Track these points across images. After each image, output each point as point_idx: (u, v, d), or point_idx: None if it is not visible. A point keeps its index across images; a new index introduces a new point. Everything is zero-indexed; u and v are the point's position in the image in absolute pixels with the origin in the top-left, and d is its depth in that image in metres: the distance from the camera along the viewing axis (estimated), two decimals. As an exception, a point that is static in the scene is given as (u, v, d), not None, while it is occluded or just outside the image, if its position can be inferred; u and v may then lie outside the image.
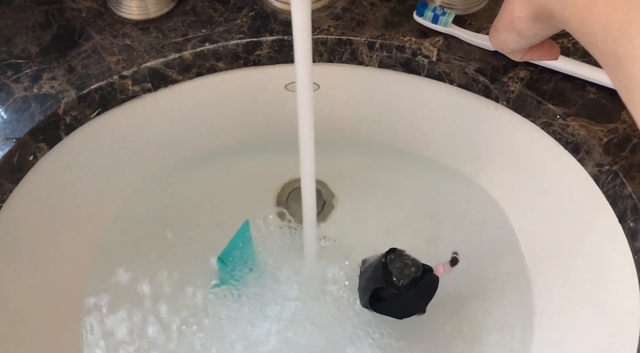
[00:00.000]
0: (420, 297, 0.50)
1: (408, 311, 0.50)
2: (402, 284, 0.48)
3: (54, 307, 0.52)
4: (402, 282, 0.48)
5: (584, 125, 0.47)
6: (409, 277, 0.48)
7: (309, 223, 0.52)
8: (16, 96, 0.49)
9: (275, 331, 0.54)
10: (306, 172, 0.47)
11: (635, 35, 0.25)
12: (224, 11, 0.55)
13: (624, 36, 0.26)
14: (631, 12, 0.25)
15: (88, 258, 0.57)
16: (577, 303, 0.49)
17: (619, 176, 0.44)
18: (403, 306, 0.50)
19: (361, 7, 0.55)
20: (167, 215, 0.61)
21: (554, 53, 0.41)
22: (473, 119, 0.55)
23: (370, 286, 0.50)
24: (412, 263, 0.49)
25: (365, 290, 0.51)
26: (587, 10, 0.28)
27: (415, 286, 0.48)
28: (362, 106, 0.60)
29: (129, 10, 0.54)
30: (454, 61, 0.51)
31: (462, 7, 0.54)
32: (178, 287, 0.56)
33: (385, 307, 0.50)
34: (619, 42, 0.26)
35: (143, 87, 0.52)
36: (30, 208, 0.50)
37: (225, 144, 0.64)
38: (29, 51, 0.52)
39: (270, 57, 0.54)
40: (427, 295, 0.50)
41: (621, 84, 0.27)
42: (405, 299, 0.49)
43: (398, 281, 0.48)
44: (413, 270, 0.48)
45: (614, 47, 0.26)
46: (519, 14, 0.34)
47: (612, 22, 0.26)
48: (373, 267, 0.51)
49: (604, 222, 0.45)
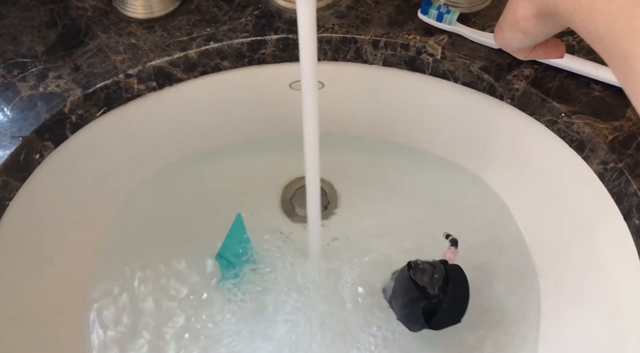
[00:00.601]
0: (459, 290, 0.48)
1: (460, 307, 0.49)
2: (439, 290, 0.47)
3: (57, 303, 0.53)
4: (438, 288, 0.47)
5: (588, 123, 0.47)
6: (440, 280, 0.47)
7: (313, 221, 0.52)
8: (22, 94, 0.49)
9: (277, 331, 0.54)
10: (311, 170, 0.47)
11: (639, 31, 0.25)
12: (229, 10, 0.55)
13: (629, 33, 0.26)
14: (635, 9, 0.26)
15: (91, 255, 0.57)
16: (583, 301, 0.49)
17: (624, 173, 0.44)
18: (453, 307, 0.48)
19: (365, 6, 0.55)
20: (171, 212, 0.61)
21: (559, 51, 0.41)
22: (478, 117, 0.55)
23: (415, 309, 0.48)
24: (432, 267, 0.48)
25: (412, 315, 0.49)
26: (590, 7, 0.28)
27: (449, 284, 0.48)
28: (366, 104, 0.60)
29: (134, 9, 0.54)
30: (459, 59, 0.51)
31: (467, 5, 0.54)
32: (181, 285, 0.56)
33: (441, 319, 0.49)
34: (623, 39, 0.26)
35: (148, 86, 0.52)
36: (36, 205, 0.50)
37: (230, 142, 0.64)
38: (34, 49, 0.52)
39: (275, 56, 0.54)
40: (462, 284, 0.48)
41: (626, 80, 0.27)
42: (451, 299, 0.48)
43: (434, 289, 0.47)
44: (437, 272, 0.48)
45: (618, 43, 0.26)
46: (523, 13, 0.35)
47: (616, 18, 0.26)
48: (404, 290, 0.49)
49: (609, 220, 0.45)
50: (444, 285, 0.48)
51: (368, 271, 0.58)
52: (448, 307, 0.48)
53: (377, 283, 0.57)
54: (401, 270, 0.50)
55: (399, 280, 0.50)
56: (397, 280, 0.51)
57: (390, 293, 0.52)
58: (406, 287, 0.49)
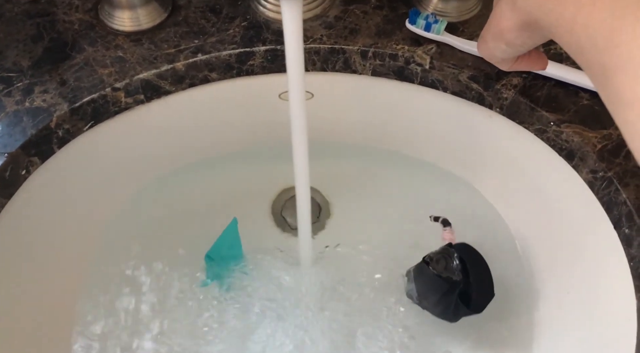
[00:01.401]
0: (478, 264, 0.49)
1: (487, 280, 0.49)
2: (461, 273, 0.48)
3: (45, 318, 0.52)
4: (459, 272, 0.48)
5: (577, 131, 0.47)
6: (457, 264, 0.48)
7: (304, 230, 0.52)
8: (8, 110, 0.48)
9: (266, 339, 0.54)
10: (301, 180, 0.47)
11: (619, 46, 0.25)
12: (217, 21, 0.55)
13: (608, 46, 0.26)
14: (615, 23, 0.26)
15: (80, 271, 0.56)
16: (575, 309, 0.49)
17: (613, 182, 0.44)
18: (481, 282, 0.48)
19: (353, 16, 0.55)
20: (160, 225, 0.61)
21: (542, 63, 0.41)
22: (467, 126, 0.55)
23: (450, 300, 0.48)
24: (443, 254, 0.48)
25: (449, 307, 0.49)
26: (572, 20, 0.28)
27: (467, 263, 0.48)
28: (356, 114, 0.60)
29: (121, 21, 0.54)
30: (447, 69, 0.51)
31: (455, 14, 0.54)
32: (171, 296, 0.56)
33: (478, 299, 0.48)
34: (603, 52, 0.26)
35: (136, 99, 0.52)
36: (22, 222, 0.49)
37: (219, 154, 0.63)
38: (20, 64, 0.51)
39: (264, 67, 0.54)
40: (477, 258, 0.49)
41: (605, 93, 0.27)
42: (476, 276, 0.48)
43: (457, 274, 0.48)
44: (450, 256, 0.48)
45: (598, 56, 0.26)
46: (506, 24, 0.35)
47: (597, 32, 0.26)
48: (432, 287, 0.49)
49: (600, 228, 0.45)
50: (463, 266, 0.48)
51: (360, 280, 0.57)
52: (477, 285, 0.48)
53: (369, 291, 0.56)
54: (418, 269, 0.50)
55: (421, 280, 0.50)
56: (419, 282, 0.50)
57: (417, 295, 0.52)
58: (433, 284, 0.49)
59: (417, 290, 0.51)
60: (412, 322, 0.55)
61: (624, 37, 0.25)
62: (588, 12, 0.27)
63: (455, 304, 0.48)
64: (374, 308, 0.56)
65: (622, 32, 0.25)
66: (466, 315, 0.49)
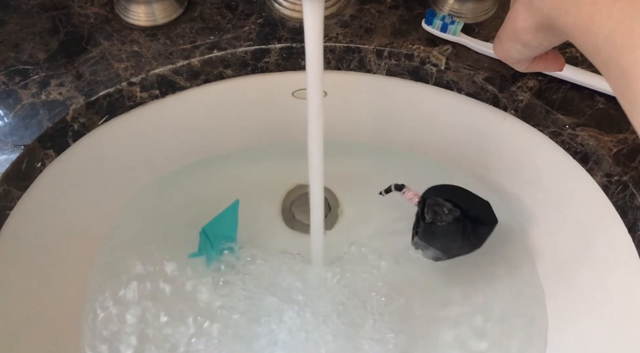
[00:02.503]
0: (459, 191, 0.51)
1: (479, 198, 0.52)
2: (457, 206, 0.50)
3: (55, 310, 0.52)
4: (455, 205, 0.50)
5: (593, 135, 0.47)
6: (447, 204, 0.50)
7: (316, 228, 0.52)
8: (24, 102, 0.48)
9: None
10: (315, 178, 0.47)
11: (638, 47, 0.25)
12: (232, 18, 0.55)
13: (627, 47, 0.26)
14: (634, 24, 0.25)
15: (91, 262, 0.57)
16: (588, 313, 0.49)
17: (628, 186, 0.44)
18: (476, 201, 0.52)
19: (369, 15, 0.55)
20: (172, 219, 0.61)
21: (559, 64, 0.41)
22: (481, 127, 0.55)
23: (468, 232, 0.50)
24: (429, 209, 0.50)
25: (470, 238, 0.51)
26: (589, 21, 0.28)
27: (451, 197, 0.50)
28: (369, 114, 0.60)
29: (137, 16, 0.54)
30: (463, 70, 0.51)
31: (471, 15, 0.54)
32: (179, 292, 0.56)
33: (486, 216, 0.51)
34: (621, 53, 0.26)
35: (151, 94, 0.52)
36: (37, 214, 0.49)
37: (231, 150, 0.64)
38: (36, 56, 0.51)
39: (278, 65, 0.54)
40: (452, 188, 0.51)
41: (623, 94, 0.27)
42: (467, 200, 0.51)
43: (454, 209, 0.50)
44: (436, 205, 0.50)
45: (616, 57, 0.26)
46: (522, 25, 0.34)
47: (614, 33, 0.26)
48: (449, 234, 0.51)
49: (614, 232, 0.45)
50: (453, 203, 0.50)
51: (372, 278, 0.58)
52: (473, 203, 0.51)
53: (382, 288, 0.57)
54: (425, 234, 0.51)
55: (436, 239, 0.51)
56: (436, 242, 0.52)
57: (442, 253, 0.53)
58: (448, 233, 0.50)
59: (440, 248, 0.52)
60: (418, 321, 0.55)
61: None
62: (606, 14, 0.27)
63: (474, 231, 0.50)
64: (382, 307, 0.56)
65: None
66: (488, 233, 0.51)
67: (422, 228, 0.52)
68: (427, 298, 0.57)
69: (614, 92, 0.28)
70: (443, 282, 0.57)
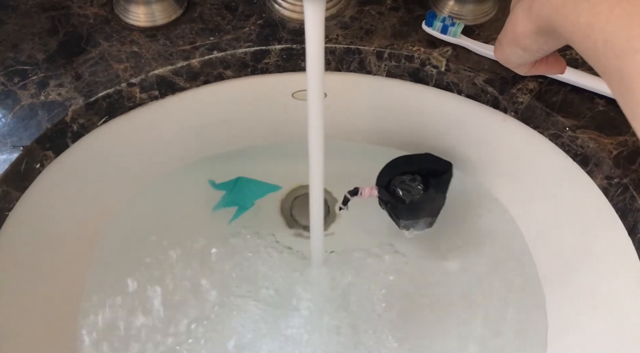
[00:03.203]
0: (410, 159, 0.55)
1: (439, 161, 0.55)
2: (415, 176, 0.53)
3: (52, 311, 0.52)
4: (413, 176, 0.53)
5: (593, 137, 0.47)
6: (410, 177, 0.53)
7: (316, 228, 0.52)
8: (23, 103, 0.48)
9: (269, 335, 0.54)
10: (315, 179, 0.47)
11: (638, 52, 0.25)
12: (232, 19, 0.54)
13: (627, 52, 0.26)
14: (633, 29, 0.26)
15: (90, 263, 0.56)
16: (588, 314, 0.49)
17: (629, 189, 0.44)
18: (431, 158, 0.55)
19: (369, 17, 0.55)
20: (171, 220, 0.61)
21: (560, 67, 0.41)
22: (481, 129, 0.55)
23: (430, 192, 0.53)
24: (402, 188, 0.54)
25: (432, 199, 0.54)
26: (588, 26, 0.28)
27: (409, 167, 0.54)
28: (369, 115, 0.60)
29: (136, 17, 0.54)
30: (463, 72, 0.51)
31: (471, 17, 0.54)
32: (180, 293, 0.56)
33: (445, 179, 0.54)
34: (621, 58, 0.26)
35: (150, 95, 0.52)
36: (36, 215, 0.49)
37: (231, 151, 0.63)
38: (35, 57, 0.51)
39: (278, 66, 0.54)
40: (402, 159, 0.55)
41: (623, 98, 0.27)
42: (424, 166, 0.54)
43: (414, 172, 0.54)
44: (403, 183, 0.53)
45: (616, 62, 0.26)
46: (522, 29, 0.35)
47: (614, 38, 0.26)
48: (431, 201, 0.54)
49: (614, 235, 0.45)
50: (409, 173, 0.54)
51: (371, 278, 0.58)
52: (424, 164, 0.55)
53: (381, 288, 0.57)
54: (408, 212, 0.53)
55: (420, 212, 0.54)
56: (422, 212, 0.54)
57: (428, 219, 0.55)
58: (427, 197, 0.53)
59: (427, 215, 0.55)
60: (417, 322, 0.55)
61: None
62: (605, 19, 0.27)
63: (440, 182, 0.54)
64: (381, 306, 0.56)
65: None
66: (450, 176, 0.55)
67: (405, 210, 0.53)
68: (427, 298, 0.57)
69: (615, 96, 0.28)
70: (443, 282, 0.57)
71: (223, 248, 0.59)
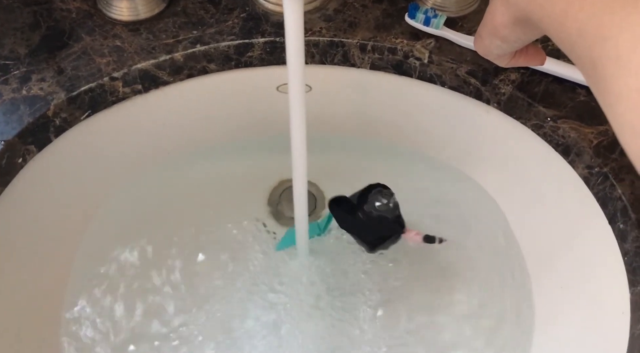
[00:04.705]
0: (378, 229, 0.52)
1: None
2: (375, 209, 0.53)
3: (35, 306, 0.52)
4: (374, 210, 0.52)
5: (574, 127, 0.47)
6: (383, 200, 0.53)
7: (301, 222, 0.52)
8: (4, 97, 0.48)
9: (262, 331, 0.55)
10: (298, 173, 0.47)
11: (608, 39, 0.25)
12: (215, 12, 0.54)
13: (597, 40, 0.26)
14: (604, 17, 0.26)
15: (72, 258, 0.56)
16: (571, 304, 0.50)
17: (609, 178, 0.44)
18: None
19: (353, 9, 0.55)
20: (156, 215, 0.61)
21: (540, 58, 0.41)
22: (465, 120, 0.56)
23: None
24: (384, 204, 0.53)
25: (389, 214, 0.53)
26: (563, 15, 0.28)
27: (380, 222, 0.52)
28: (353, 107, 0.60)
29: (119, 11, 0.54)
30: (446, 63, 0.51)
31: (454, 9, 0.54)
32: (164, 289, 0.56)
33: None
34: (592, 46, 0.26)
35: (133, 89, 0.52)
36: (18, 210, 0.49)
37: (216, 145, 0.63)
38: (17, 52, 0.51)
39: (262, 59, 0.54)
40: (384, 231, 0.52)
41: (596, 87, 0.27)
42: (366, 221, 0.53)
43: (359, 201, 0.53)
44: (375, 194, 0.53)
45: (588, 50, 0.27)
46: (500, 20, 0.35)
47: (586, 26, 0.27)
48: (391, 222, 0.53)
49: (595, 224, 0.46)
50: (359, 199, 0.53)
51: (356, 270, 0.58)
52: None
53: (366, 281, 0.57)
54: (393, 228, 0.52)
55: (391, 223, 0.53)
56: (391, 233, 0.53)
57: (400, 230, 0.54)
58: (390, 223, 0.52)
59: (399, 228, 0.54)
60: (402, 313, 0.55)
61: (613, 31, 0.25)
62: (578, 8, 0.27)
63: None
64: (366, 298, 0.56)
65: (611, 26, 0.25)
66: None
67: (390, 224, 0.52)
68: (412, 289, 0.57)
69: (589, 85, 0.28)
70: (429, 273, 0.58)
71: (210, 243, 0.59)
